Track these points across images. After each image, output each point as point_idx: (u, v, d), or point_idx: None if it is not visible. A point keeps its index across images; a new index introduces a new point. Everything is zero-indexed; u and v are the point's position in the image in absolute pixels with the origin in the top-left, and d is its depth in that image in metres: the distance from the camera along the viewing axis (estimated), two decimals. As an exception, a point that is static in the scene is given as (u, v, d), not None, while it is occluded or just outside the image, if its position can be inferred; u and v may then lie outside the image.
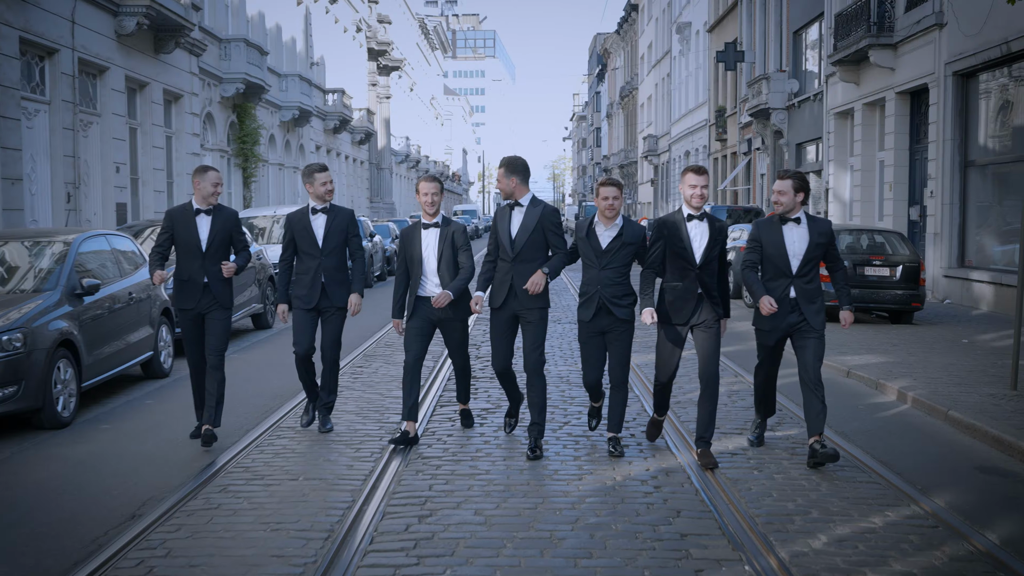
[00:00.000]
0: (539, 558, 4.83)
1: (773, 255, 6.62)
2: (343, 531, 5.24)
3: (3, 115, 14.71)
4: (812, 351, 6.52)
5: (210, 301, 7.37)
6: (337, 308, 7.56)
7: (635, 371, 9.38)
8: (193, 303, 7.34)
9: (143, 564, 4.82)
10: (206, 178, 7.43)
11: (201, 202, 7.44)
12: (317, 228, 7.55)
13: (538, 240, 6.83)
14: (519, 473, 6.35)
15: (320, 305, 7.53)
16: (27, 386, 7.65)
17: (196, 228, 7.38)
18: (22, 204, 15.36)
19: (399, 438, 7.04)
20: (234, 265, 7.45)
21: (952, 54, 17.74)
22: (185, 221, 7.41)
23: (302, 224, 7.57)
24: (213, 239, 7.40)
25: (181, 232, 7.41)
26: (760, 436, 7.10)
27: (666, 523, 5.36)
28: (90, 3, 17.42)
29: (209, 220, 7.43)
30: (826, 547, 4.97)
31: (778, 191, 6.62)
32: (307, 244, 7.55)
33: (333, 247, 7.56)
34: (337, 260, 7.59)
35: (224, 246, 7.50)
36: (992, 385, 8.98)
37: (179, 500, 5.83)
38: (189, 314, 7.39)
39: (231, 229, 7.53)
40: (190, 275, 7.36)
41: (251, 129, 27.43)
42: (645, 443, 7.15)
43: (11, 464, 6.92)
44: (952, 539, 5.10)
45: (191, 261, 7.37)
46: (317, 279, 7.49)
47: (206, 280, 7.35)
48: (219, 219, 7.47)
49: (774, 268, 6.61)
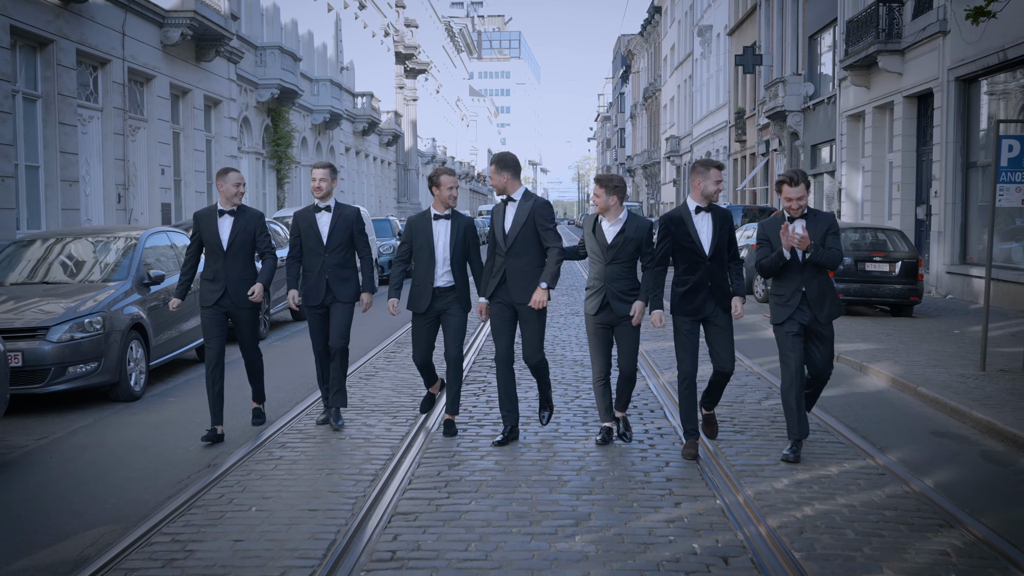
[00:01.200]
0: (548, 494, 5.86)
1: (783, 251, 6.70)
2: (385, 475, 6.28)
3: (62, 122, 15.92)
4: (823, 344, 6.71)
5: (231, 302, 7.54)
6: (343, 303, 7.68)
7: (644, 356, 10.33)
8: (216, 301, 7.51)
9: (224, 497, 5.90)
10: (227, 179, 7.59)
11: (225, 203, 7.61)
12: (322, 226, 7.69)
13: (530, 234, 6.92)
14: (534, 435, 7.36)
15: (326, 301, 7.68)
16: (106, 363, 8.78)
17: (218, 229, 7.56)
18: (78, 204, 16.57)
19: (424, 402, 7.80)
20: (260, 288, 7.54)
21: (954, 60, 18.59)
22: (209, 222, 7.60)
23: (307, 222, 7.72)
24: (234, 239, 7.55)
25: (205, 233, 7.60)
26: (797, 452, 6.64)
27: (656, 471, 6.38)
28: (139, 16, 18.62)
29: (231, 221, 7.59)
30: (786, 487, 5.96)
31: (797, 197, 6.63)
32: (312, 241, 7.69)
33: (337, 244, 7.68)
34: (341, 257, 7.70)
35: (246, 247, 7.63)
36: (964, 367, 9.91)
37: (247, 453, 6.92)
38: (212, 310, 7.55)
39: (254, 229, 7.65)
40: (214, 274, 7.56)
41: (285, 132, 28.62)
42: (646, 413, 8.12)
43: (97, 426, 8.04)
44: (894, 483, 6.07)
45: (215, 261, 7.57)
46: (322, 276, 7.64)
47: (226, 280, 7.52)
48: (241, 220, 7.62)
49: (785, 264, 6.73)
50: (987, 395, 8.37)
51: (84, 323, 8.71)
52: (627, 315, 6.81)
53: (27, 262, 10.32)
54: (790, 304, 6.68)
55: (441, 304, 7.31)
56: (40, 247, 10.54)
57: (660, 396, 8.74)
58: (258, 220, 7.72)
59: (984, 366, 9.67)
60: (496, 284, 7.02)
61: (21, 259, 10.35)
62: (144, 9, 18.64)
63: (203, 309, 7.59)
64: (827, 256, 6.60)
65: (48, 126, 15.71)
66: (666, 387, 9.08)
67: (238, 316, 7.63)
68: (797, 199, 6.63)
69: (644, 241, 6.86)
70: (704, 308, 6.76)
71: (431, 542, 5.06)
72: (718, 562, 4.78)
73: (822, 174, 28.53)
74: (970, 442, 7.26)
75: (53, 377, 8.47)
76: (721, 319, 6.80)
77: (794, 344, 6.66)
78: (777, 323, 6.80)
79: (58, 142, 15.81)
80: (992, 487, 6.16)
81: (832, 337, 6.79)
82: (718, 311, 6.78)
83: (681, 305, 6.79)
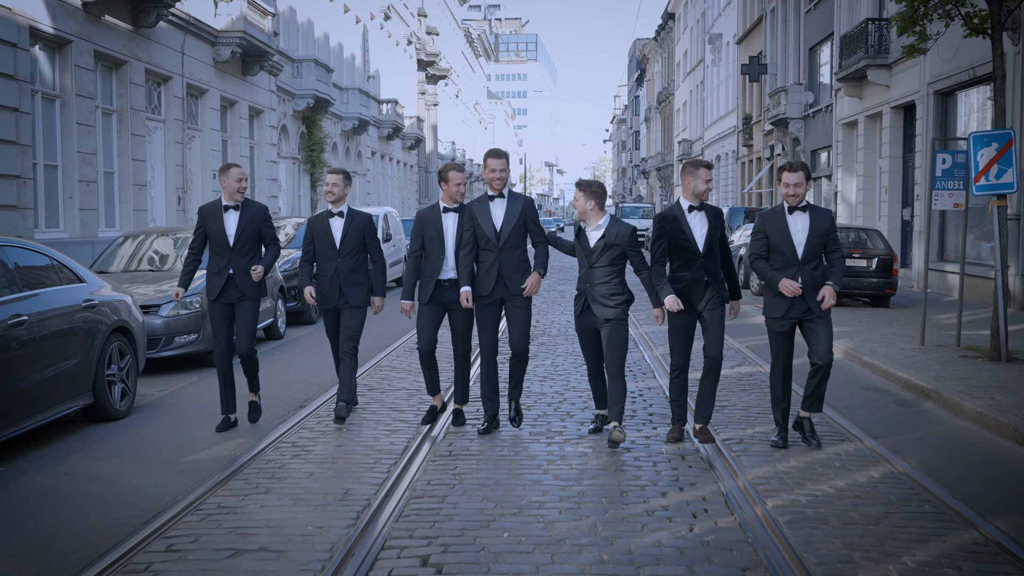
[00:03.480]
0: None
1: (779, 244, 6.88)
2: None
3: (133, 133, 18.03)
4: (823, 336, 6.87)
5: (237, 293, 7.63)
6: (354, 307, 7.82)
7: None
8: (222, 294, 7.63)
9: (296, 444, 7.89)
10: (229, 175, 7.62)
11: (228, 198, 7.65)
12: (335, 231, 7.82)
13: (520, 230, 7.24)
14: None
15: (338, 305, 7.85)
16: (203, 335, 10.82)
17: (224, 224, 7.61)
18: (146, 206, 18.69)
19: (427, 415, 7.75)
20: (262, 269, 7.66)
21: (933, 75, 20.47)
22: (214, 217, 7.64)
23: (321, 227, 7.85)
24: (240, 233, 7.61)
25: (211, 228, 7.65)
26: (784, 438, 7.06)
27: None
28: (195, 36, 20.73)
29: (237, 215, 7.64)
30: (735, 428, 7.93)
31: (795, 183, 6.76)
32: (325, 246, 7.82)
33: (350, 250, 7.80)
34: (353, 262, 7.82)
35: (252, 240, 7.70)
36: (909, 343, 11.85)
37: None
38: (218, 304, 7.66)
39: (259, 223, 7.73)
40: (219, 268, 7.61)
41: (318, 138, 30.73)
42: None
43: (204, 383, 10.03)
44: (823, 423, 7.99)
45: (221, 255, 7.62)
46: (335, 281, 7.77)
47: (231, 272, 7.61)
48: (247, 214, 7.66)
49: (781, 257, 6.86)
50: (915, 362, 10.33)
51: (186, 302, 10.74)
52: (606, 318, 6.95)
53: (125, 255, 12.51)
54: (785, 298, 6.87)
55: (448, 297, 7.45)
56: (132, 243, 12.80)
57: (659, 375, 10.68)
58: (263, 214, 7.80)
59: (923, 341, 11.61)
60: (494, 279, 7.22)
61: (122, 252, 12.54)
62: (200, 30, 20.74)
63: (210, 304, 7.71)
64: (838, 272, 6.84)
65: (122, 136, 17.82)
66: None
67: (239, 307, 7.69)
68: (794, 185, 6.76)
69: (627, 245, 6.97)
70: (700, 302, 7.01)
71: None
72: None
73: (820, 178, 30.39)
74: (889, 393, 9.22)
75: (164, 345, 10.53)
76: (716, 311, 7.03)
77: (783, 343, 6.98)
78: (772, 317, 7.01)
79: (130, 151, 17.93)
80: (897, 423, 8.08)
81: (830, 325, 6.95)
82: (714, 303, 7.03)
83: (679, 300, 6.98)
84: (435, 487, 6.12)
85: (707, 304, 7.01)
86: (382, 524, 5.41)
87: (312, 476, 6.43)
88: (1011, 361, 10.30)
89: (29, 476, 6.60)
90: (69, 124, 15.79)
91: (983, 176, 10.40)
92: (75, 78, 15.79)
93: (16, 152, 13.90)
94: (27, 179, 14.21)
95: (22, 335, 6.89)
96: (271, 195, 26.16)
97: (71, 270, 8.10)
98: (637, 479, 6.29)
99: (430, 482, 6.23)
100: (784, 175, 6.86)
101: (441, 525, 5.41)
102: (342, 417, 7.69)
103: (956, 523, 5.45)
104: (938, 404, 8.66)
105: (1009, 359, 10.34)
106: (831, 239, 6.88)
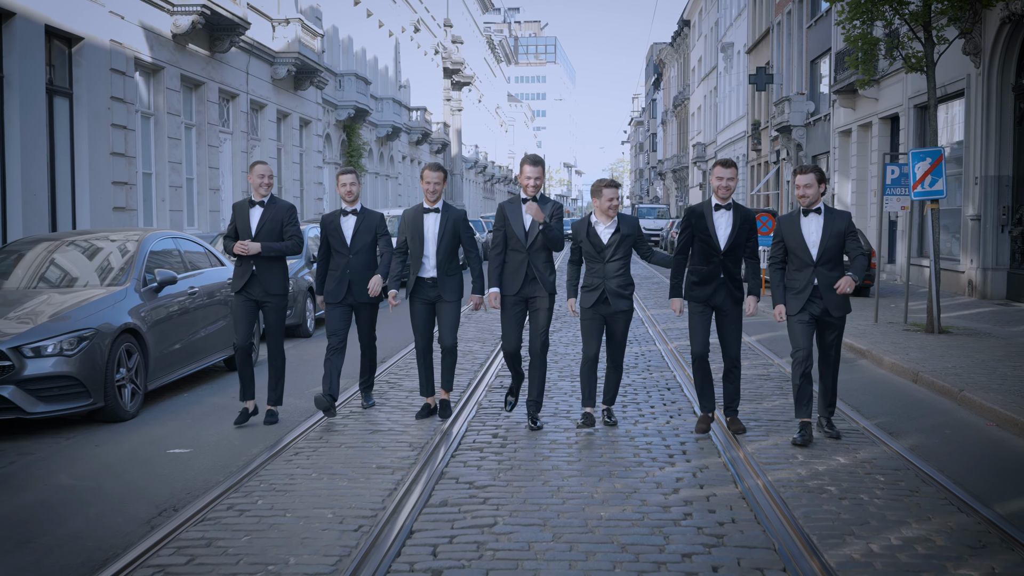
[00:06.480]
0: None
1: (794, 246, 6.99)
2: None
3: (209, 144, 20.81)
4: (833, 337, 7.10)
5: (261, 290, 7.76)
6: (366, 304, 8.01)
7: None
8: (245, 288, 7.78)
9: (327, 425, 10.21)
10: (254, 172, 7.84)
11: (255, 194, 7.88)
12: (346, 229, 7.96)
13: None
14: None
15: (347, 300, 7.94)
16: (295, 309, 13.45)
17: (248, 219, 7.79)
18: (219, 207, 21.46)
19: (421, 411, 7.91)
20: (257, 245, 7.61)
21: (913, 91, 22.91)
22: (242, 212, 7.86)
23: (333, 225, 7.98)
24: (261, 228, 7.74)
25: (239, 222, 7.87)
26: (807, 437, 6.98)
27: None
28: (257, 57, 23.48)
29: (260, 211, 7.81)
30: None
31: (804, 185, 6.85)
32: (337, 243, 7.95)
33: (361, 247, 7.92)
34: (364, 259, 7.93)
35: (273, 236, 7.78)
36: (865, 321, 14.39)
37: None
38: (242, 298, 7.84)
39: (281, 219, 7.81)
40: (243, 261, 7.80)
41: (357, 145, 33.42)
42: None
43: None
44: (783, 379, 10.53)
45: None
46: (344, 276, 7.89)
47: (255, 269, 7.75)
48: (270, 210, 7.81)
49: (797, 259, 6.96)
50: (864, 333, 12.89)
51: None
52: (623, 310, 7.27)
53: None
54: (801, 296, 6.96)
55: (432, 294, 7.73)
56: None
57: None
58: (287, 211, 7.90)
59: (876, 319, 14.18)
60: (522, 278, 7.36)
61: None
62: (261, 52, 23.48)
63: (234, 296, 7.90)
64: (859, 267, 6.85)
65: (200, 147, 20.59)
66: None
67: (266, 305, 7.83)
68: (804, 186, 6.87)
69: (638, 234, 7.33)
70: (715, 298, 7.20)
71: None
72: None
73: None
74: (846, 360, 11.76)
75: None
76: (731, 310, 7.22)
77: (805, 331, 6.95)
78: (790, 314, 7.06)
79: (207, 160, 20.70)
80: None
81: (842, 328, 7.11)
82: (728, 302, 7.21)
83: (693, 292, 7.26)
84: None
85: (722, 303, 7.21)
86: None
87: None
88: (943, 333, 12.84)
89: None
90: (161, 138, 18.55)
91: (920, 184, 12.93)
92: (167, 99, 18.55)
93: (125, 163, 16.66)
94: (132, 185, 16.97)
95: (196, 302, 9.59)
96: (317, 197, 28.89)
97: (216, 256, 10.78)
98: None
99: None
100: (796, 177, 7.07)
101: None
102: (367, 404, 8.29)
103: (868, 438, 7.39)
104: (869, 360, 11.24)
105: (941, 331, 12.87)
106: (850, 239, 6.94)
